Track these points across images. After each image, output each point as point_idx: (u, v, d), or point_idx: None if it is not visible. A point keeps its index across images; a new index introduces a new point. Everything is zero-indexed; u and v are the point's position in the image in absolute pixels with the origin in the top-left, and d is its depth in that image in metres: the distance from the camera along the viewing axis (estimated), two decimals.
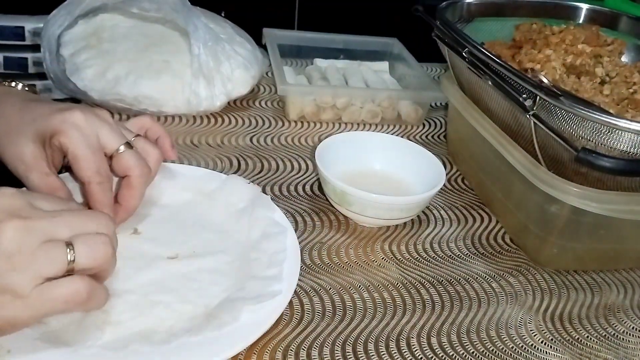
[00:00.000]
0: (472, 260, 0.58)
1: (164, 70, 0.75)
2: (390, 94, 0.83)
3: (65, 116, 0.45)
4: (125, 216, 0.49)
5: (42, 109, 0.46)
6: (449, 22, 0.66)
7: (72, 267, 0.34)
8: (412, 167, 0.65)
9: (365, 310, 0.50)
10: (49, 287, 0.34)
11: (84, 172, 0.45)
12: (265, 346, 0.45)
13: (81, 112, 0.46)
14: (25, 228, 0.33)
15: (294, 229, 0.54)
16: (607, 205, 0.50)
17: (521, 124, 0.55)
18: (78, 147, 0.44)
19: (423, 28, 0.70)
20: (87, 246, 0.35)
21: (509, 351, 0.48)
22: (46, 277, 0.34)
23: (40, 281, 0.33)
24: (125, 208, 0.48)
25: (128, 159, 0.47)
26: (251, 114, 0.81)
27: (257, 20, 0.98)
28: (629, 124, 0.45)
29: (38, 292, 0.33)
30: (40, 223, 0.34)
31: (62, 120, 0.45)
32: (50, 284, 0.34)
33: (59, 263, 0.34)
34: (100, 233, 0.36)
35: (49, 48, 0.75)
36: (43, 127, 0.45)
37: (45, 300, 0.34)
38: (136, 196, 0.48)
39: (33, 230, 0.33)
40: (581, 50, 0.63)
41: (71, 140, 0.44)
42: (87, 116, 0.46)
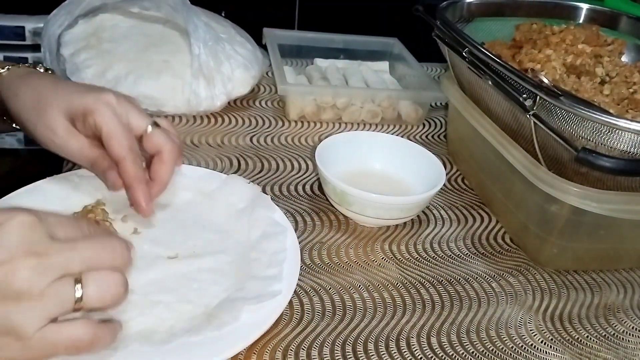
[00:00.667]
0: (472, 260, 0.58)
1: (164, 70, 0.75)
2: (390, 94, 0.83)
3: (99, 95, 0.46)
4: (159, 191, 0.49)
5: (76, 87, 0.48)
6: (449, 22, 0.66)
7: (80, 306, 0.33)
8: (412, 167, 0.65)
9: (365, 310, 0.50)
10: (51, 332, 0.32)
11: (118, 149, 0.46)
12: (265, 346, 0.45)
13: (113, 93, 0.47)
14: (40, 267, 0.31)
15: (294, 229, 0.54)
16: (607, 205, 0.50)
17: (521, 124, 0.55)
18: (111, 125, 0.45)
19: (423, 28, 0.70)
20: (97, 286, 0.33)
21: (509, 351, 0.48)
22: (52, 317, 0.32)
23: (44, 322, 0.32)
24: (159, 183, 0.49)
25: (158, 136, 0.48)
26: (251, 114, 0.81)
27: (257, 20, 0.98)
28: (629, 124, 0.45)
29: (40, 336, 0.32)
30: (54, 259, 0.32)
31: (96, 98, 0.46)
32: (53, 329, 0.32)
33: (66, 303, 0.33)
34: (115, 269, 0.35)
35: (49, 48, 0.75)
36: (76, 104, 0.46)
37: (46, 345, 0.32)
38: (169, 171, 0.49)
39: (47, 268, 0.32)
40: (581, 50, 0.63)
41: (104, 118, 0.45)
42: (119, 98, 0.47)
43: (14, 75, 0.49)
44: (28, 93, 0.47)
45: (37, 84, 0.48)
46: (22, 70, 0.50)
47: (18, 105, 0.48)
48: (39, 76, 0.49)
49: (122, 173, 0.46)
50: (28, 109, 0.47)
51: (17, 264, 0.31)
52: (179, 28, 0.80)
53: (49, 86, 0.47)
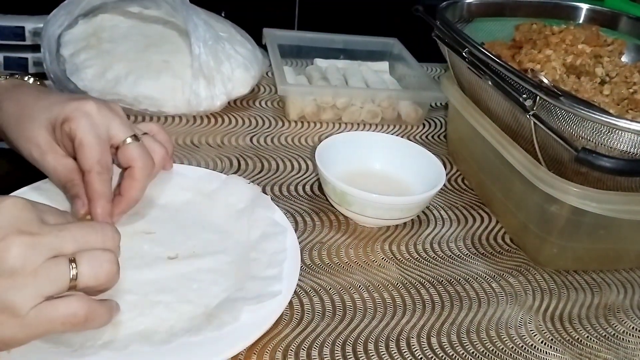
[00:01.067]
0: (472, 260, 0.58)
1: (164, 70, 0.75)
2: (390, 94, 0.83)
3: (79, 104, 0.46)
4: (126, 207, 0.49)
5: (58, 97, 0.48)
6: (449, 22, 0.66)
7: (74, 285, 0.34)
8: (412, 167, 0.65)
9: (365, 310, 0.50)
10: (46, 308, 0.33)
11: (86, 160, 0.45)
12: (265, 346, 0.45)
13: (94, 102, 0.47)
14: (32, 245, 0.33)
15: (294, 229, 0.54)
16: (607, 205, 0.50)
17: (521, 124, 0.56)
18: (85, 134, 0.45)
19: (423, 28, 0.70)
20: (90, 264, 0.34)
21: (509, 351, 0.48)
22: (47, 295, 0.33)
23: (40, 300, 0.33)
24: (126, 199, 0.48)
25: (133, 150, 0.47)
26: (251, 114, 0.81)
27: (257, 20, 0.98)
28: (629, 124, 0.45)
29: (35, 313, 0.33)
30: (46, 238, 0.33)
31: (75, 107, 0.46)
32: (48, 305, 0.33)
33: (61, 282, 0.33)
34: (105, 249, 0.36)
35: (49, 48, 0.75)
36: (56, 113, 0.46)
37: (42, 321, 0.33)
38: (137, 188, 0.48)
39: (39, 246, 0.33)
40: (581, 50, 0.63)
41: (79, 127, 0.45)
42: (100, 107, 0.47)
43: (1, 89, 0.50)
44: (11, 106, 0.48)
45: (20, 97, 0.48)
46: (8, 82, 0.51)
47: (1, 118, 0.48)
48: (24, 89, 0.49)
49: (85, 185, 0.46)
50: (10, 122, 0.47)
51: (10, 242, 0.32)
52: (179, 28, 0.80)
53: (32, 99, 0.48)
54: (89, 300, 0.35)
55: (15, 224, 0.33)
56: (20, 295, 0.32)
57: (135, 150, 0.47)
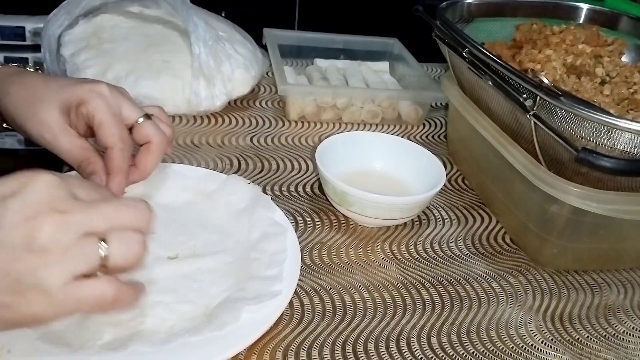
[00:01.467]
0: (472, 260, 0.58)
1: (164, 70, 0.75)
2: (390, 94, 0.83)
3: (91, 86, 0.47)
4: (139, 178, 0.50)
5: (67, 80, 0.49)
6: (449, 22, 0.66)
7: (104, 264, 0.34)
8: (412, 167, 0.65)
9: (365, 310, 0.50)
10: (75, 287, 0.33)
11: (108, 137, 0.47)
12: (265, 346, 0.45)
13: (106, 84, 0.48)
14: (63, 223, 0.32)
15: (294, 229, 0.54)
16: (607, 205, 0.50)
17: (521, 124, 0.56)
18: (103, 114, 0.46)
19: (423, 28, 0.70)
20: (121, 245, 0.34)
21: (509, 351, 0.48)
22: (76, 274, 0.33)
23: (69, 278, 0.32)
24: (140, 171, 0.50)
25: (149, 127, 0.49)
26: (251, 114, 0.81)
27: (257, 20, 0.98)
28: (629, 124, 0.45)
29: (65, 292, 0.32)
30: (77, 216, 0.33)
31: (89, 89, 0.47)
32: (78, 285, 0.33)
33: (91, 261, 0.33)
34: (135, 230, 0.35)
35: (49, 48, 0.75)
36: (69, 95, 0.47)
37: (70, 300, 0.33)
38: (153, 162, 0.50)
39: (70, 224, 0.33)
40: (581, 50, 0.63)
41: (97, 107, 0.46)
42: (111, 89, 0.48)
43: (4, 75, 0.50)
44: (20, 90, 0.48)
45: (28, 81, 0.49)
46: (11, 69, 0.51)
47: (9, 102, 0.48)
48: (29, 74, 0.50)
49: (107, 160, 0.47)
50: (20, 105, 0.48)
51: (41, 220, 0.32)
52: (179, 28, 0.80)
53: (41, 82, 0.48)
54: (118, 282, 0.35)
55: (47, 202, 0.33)
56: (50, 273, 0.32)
57: (151, 127, 0.49)
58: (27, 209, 0.32)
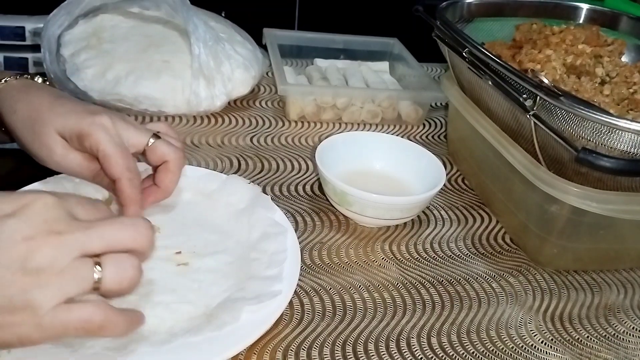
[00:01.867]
0: (472, 260, 0.58)
1: (164, 71, 0.75)
2: (390, 94, 0.83)
3: (94, 119, 0.47)
4: (163, 197, 0.50)
5: (73, 106, 0.48)
6: (449, 22, 0.66)
7: (97, 287, 0.34)
8: (412, 167, 0.65)
9: (365, 310, 0.50)
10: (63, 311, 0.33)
11: (114, 168, 0.46)
12: (265, 346, 0.45)
13: (108, 115, 0.48)
14: (60, 245, 0.32)
15: (294, 229, 0.54)
16: (607, 205, 0.50)
17: (521, 124, 0.56)
18: (107, 145, 0.46)
19: (423, 28, 0.70)
20: (116, 269, 0.34)
21: (509, 351, 0.48)
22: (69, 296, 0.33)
23: (61, 300, 0.32)
24: (164, 190, 0.50)
25: (162, 146, 0.49)
26: (251, 114, 0.81)
27: (257, 20, 0.98)
28: (629, 124, 0.45)
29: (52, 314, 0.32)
30: (74, 237, 0.33)
31: (91, 122, 0.47)
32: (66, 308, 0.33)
33: (84, 283, 0.33)
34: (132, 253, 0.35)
35: (49, 48, 0.75)
36: (72, 125, 0.47)
37: (57, 324, 0.33)
38: (175, 179, 0.50)
39: (67, 246, 0.33)
40: (581, 50, 0.63)
41: (100, 140, 0.46)
42: (114, 119, 0.48)
43: (12, 89, 0.50)
44: (25, 110, 0.48)
45: (33, 101, 0.48)
46: (19, 82, 0.51)
47: (15, 121, 0.48)
48: (36, 91, 0.50)
49: (117, 192, 0.47)
50: (25, 126, 0.48)
51: (39, 241, 0.32)
52: (179, 28, 0.80)
53: (46, 104, 0.48)
54: (107, 307, 0.34)
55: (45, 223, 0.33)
56: (43, 294, 0.32)
57: (164, 146, 0.49)
58: (25, 230, 0.32)
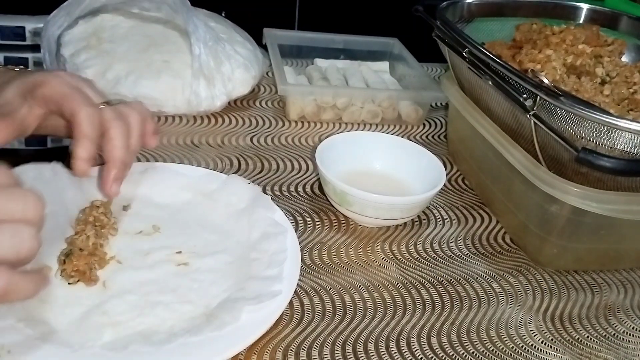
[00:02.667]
0: (472, 260, 0.58)
1: (164, 71, 0.75)
2: (390, 94, 0.83)
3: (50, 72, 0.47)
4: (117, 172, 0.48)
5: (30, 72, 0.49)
6: (449, 22, 0.66)
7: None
8: (412, 167, 0.65)
9: (365, 310, 0.50)
10: None
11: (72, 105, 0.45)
12: (265, 346, 0.45)
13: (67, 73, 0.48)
14: None
15: (294, 229, 0.54)
16: (607, 205, 0.50)
17: (521, 124, 0.55)
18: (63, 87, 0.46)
19: (423, 28, 0.70)
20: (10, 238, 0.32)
21: (509, 351, 0.48)
22: None
23: None
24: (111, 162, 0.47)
25: (105, 112, 0.47)
26: (251, 114, 0.81)
27: (257, 20, 0.98)
28: (629, 124, 0.45)
29: None
30: None
31: (46, 74, 0.47)
32: None
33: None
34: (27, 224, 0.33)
35: (48, 48, 0.75)
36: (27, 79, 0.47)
37: None
38: (118, 146, 0.47)
39: None
40: (581, 50, 0.63)
41: (53, 84, 0.46)
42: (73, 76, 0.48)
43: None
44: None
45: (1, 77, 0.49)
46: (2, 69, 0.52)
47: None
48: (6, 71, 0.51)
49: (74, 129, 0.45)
50: None
51: None
52: (179, 28, 0.80)
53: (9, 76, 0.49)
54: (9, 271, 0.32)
55: None
56: None
57: (107, 113, 0.47)
58: None
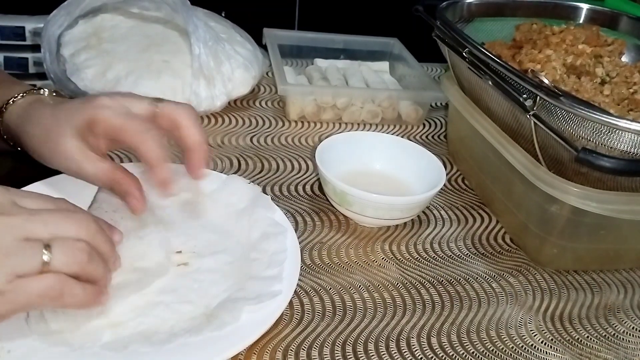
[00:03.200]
0: (472, 260, 0.58)
1: (164, 70, 0.75)
2: (390, 94, 0.83)
3: (93, 104, 0.47)
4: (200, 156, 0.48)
5: (72, 105, 0.49)
6: (449, 22, 0.66)
7: (47, 269, 0.35)
8: (412, 167, 0.65)
9: (365, 310, 0.50)
10: (23, 282, 0.34)
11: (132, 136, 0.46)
12: (265, 346, 0.45)
13: (105, 95, 0.49)
14: (4, 224, 0.34)
15: (294, 229, 0.54)
16: (607, 205, 0.50)
17: (521, 124, 0.56)
18: (115, 119, 0.46)
19: (423, 28, 0.70)
20: (63, 252, 0.36)
21: (509, 351, 0.48)
22: (19, 274, 0.34)
23: (11, 277, 0.34)
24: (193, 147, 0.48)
25: (166, 106, 0.48)
26: (251, 114, 0.81)
27: (257, 20, 0.98)
28: (629, 124, 0.45)
29: (12, 287, 0.34)
30: (17, 220, 0.35)
31: (93, 107, 0.47)
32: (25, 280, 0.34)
33: (33, 262, 0.35)
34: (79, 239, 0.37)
35: (49, 48, 0.75)
36: (77, 120, 0.47)
37: (20, 294, 0.34)
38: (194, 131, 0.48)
39: (9, 226, 0.34)
40: (581, 50, 0.63)
41: (107, 118, 0.47)
42: (111, 95, 0.48)
43: (19, 110, 0.51)
44: (34, 129, 0.49)
45: (39, 119, 0.49)
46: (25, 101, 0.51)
47: (29, 141, 0.50)
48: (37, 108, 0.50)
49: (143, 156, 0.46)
50: (38, 143, 0.49)
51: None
52: (179, 28, 0.80)
53: (49, 117, 0.49)
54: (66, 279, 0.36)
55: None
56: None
57: (168, 104, 0.48)
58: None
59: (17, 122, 0.50)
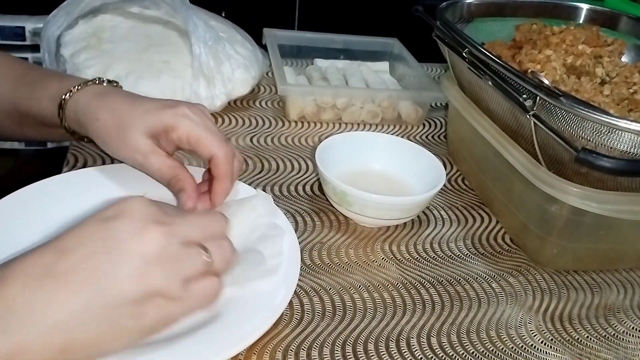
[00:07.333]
0: (472, 260, 0.58)
1: (164, 71, 0.75)
2: (390, 94, 0.83)
3: (174, 110, 0.50)
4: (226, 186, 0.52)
5: (152, 104, 0.51)
6: (449, 22, 0.66)
7: (208, 270, 0.37)
8: (412, 167, 0.65)
9: (365, 310, 0.50)
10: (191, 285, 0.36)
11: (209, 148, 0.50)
12: (265, 346, 0.45)
13: (185, 105, 0.51)
14: (169, 233, 0.35)
15: (294, 230, 0.54)
16: (607, 206, 0.50)
17: (521, 124, 0.56)
18: (195, 130, 0.49)
19: (423, 28, 0.70)
20: (219, 249, 0.38)
21: (509, 351, 0.48)
22: (188, 278, 0.36)
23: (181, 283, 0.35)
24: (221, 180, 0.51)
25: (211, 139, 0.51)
26: (251, 114, 0.81)
27: (257, 20, 0.98)
28: (629, 124, 0.45)
29: (184, 291, 0.35)
30: (177, 227, 0.36)
31: (173, 114, 0.50)
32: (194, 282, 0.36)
33: (200, 264, 0.36)
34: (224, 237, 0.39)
35: (48, 49, 0.75)
36: (155, 122, 0.50)
37: (191, 297, 0.36)
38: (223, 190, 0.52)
39: (173, 234, 0.36)
40: (581, 50, 0.63)
41: (188, 129, 0.50)
42: (192, 108, 0.51)
43: (89, 97, 0.52)
44: (107, 117, 0.50)
45: (114, 107, 0.51)
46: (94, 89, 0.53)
47: (99, 128, 0.51)
48: (112, 96, 0.52)
49: (213, 167, 0.50)
50: (109, 131, 0.51)
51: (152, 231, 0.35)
52: (179, 28, 0.80)
53: (126, 109, 0.51)
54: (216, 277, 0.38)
55: (146, 216, 0.35)
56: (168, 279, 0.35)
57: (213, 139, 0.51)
58: (133, 224, 0.35)
59: (88, 110, 0.51)
